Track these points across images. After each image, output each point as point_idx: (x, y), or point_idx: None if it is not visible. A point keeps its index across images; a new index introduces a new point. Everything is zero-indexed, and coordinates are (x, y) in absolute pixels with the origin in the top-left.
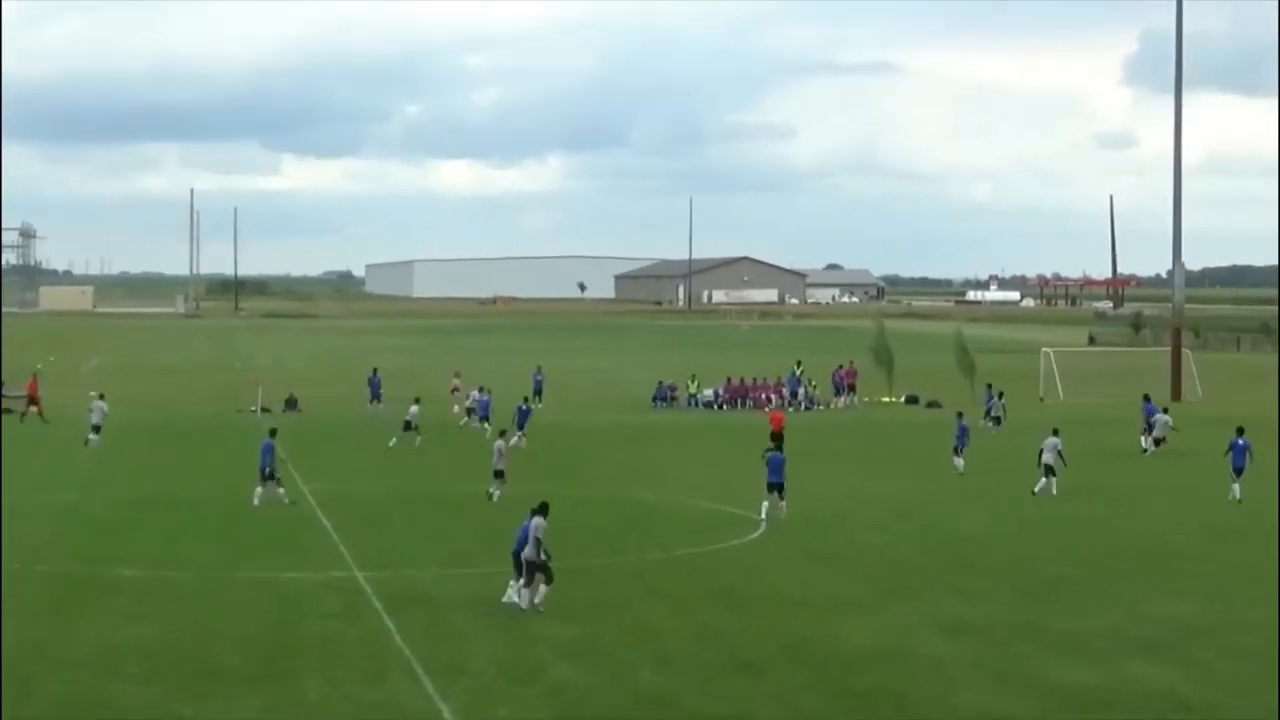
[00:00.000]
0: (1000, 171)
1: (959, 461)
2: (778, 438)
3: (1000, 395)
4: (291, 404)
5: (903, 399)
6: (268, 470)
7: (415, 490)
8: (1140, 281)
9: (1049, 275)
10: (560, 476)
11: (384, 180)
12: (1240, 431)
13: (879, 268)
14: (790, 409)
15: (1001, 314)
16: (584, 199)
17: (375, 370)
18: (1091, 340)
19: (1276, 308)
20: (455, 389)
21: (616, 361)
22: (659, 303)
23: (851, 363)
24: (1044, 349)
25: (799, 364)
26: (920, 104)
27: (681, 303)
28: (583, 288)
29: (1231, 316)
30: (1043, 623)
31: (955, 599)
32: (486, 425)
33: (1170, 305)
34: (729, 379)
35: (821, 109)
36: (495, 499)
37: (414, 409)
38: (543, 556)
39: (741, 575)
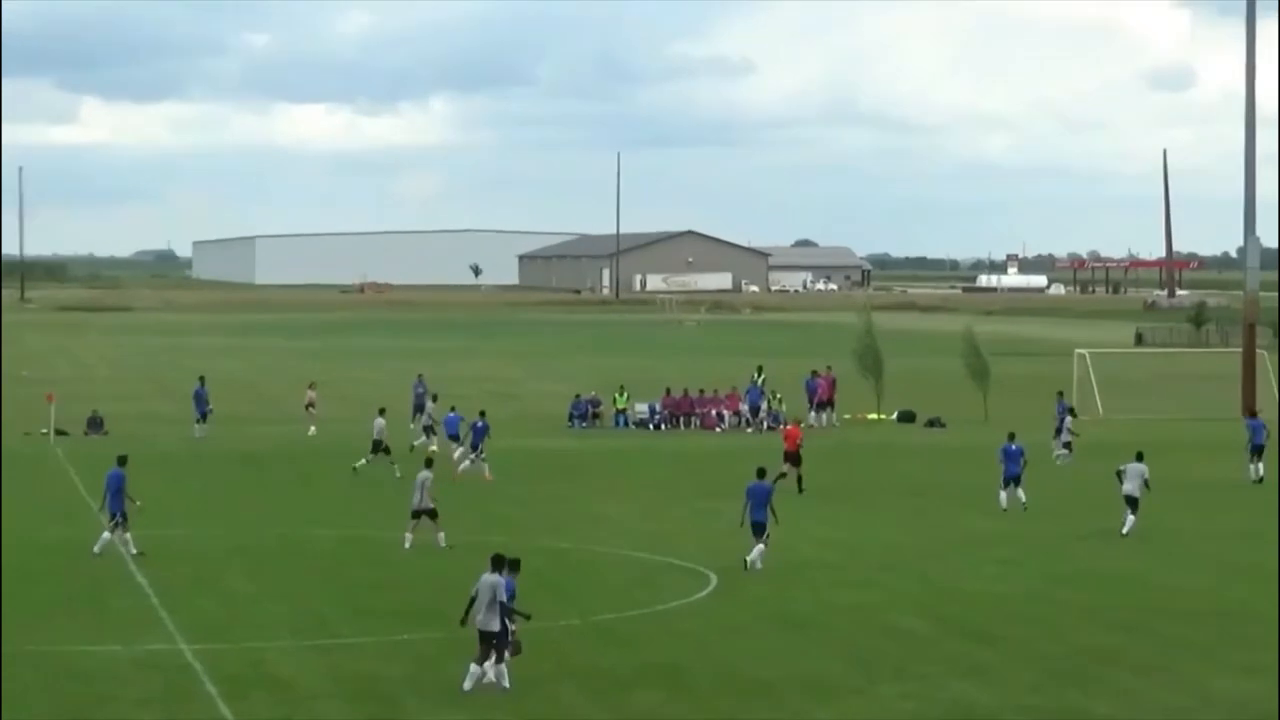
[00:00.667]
0: (1018, 119)
1: (1006, 496)
2: (793, 458)
3: (1072, 411)
4: (95, 424)
5: (895, 416)
6: (118, 513)
7: (258, 538)
8: (1203, 263)
9: (1084, 255)
10: (446, 519)
11: (217, 131)
12: (1011, 437)
13: (863, 245)
14: (749, 429)
15: (1023, 305)
16: (478, 156)
17: (202, 380)
18: (1140, 339)
19: None
20: (310, 404)
21: (522, 368)
22: (577, 291)
23: (829, 369)
24: (1078, 350)
25: (760, 371)
26: (913, 31)
27: (607, 291)
28: (477, 271)
29: None
30: (1078, 709)
31: (962, 678)
32: (454, 447)
33: (1241, 294)
34: (668, 391)
35: (787, 38)
36: (409, 545)
37: (379, 422)
38: (512, 625)
39: (685, 648)
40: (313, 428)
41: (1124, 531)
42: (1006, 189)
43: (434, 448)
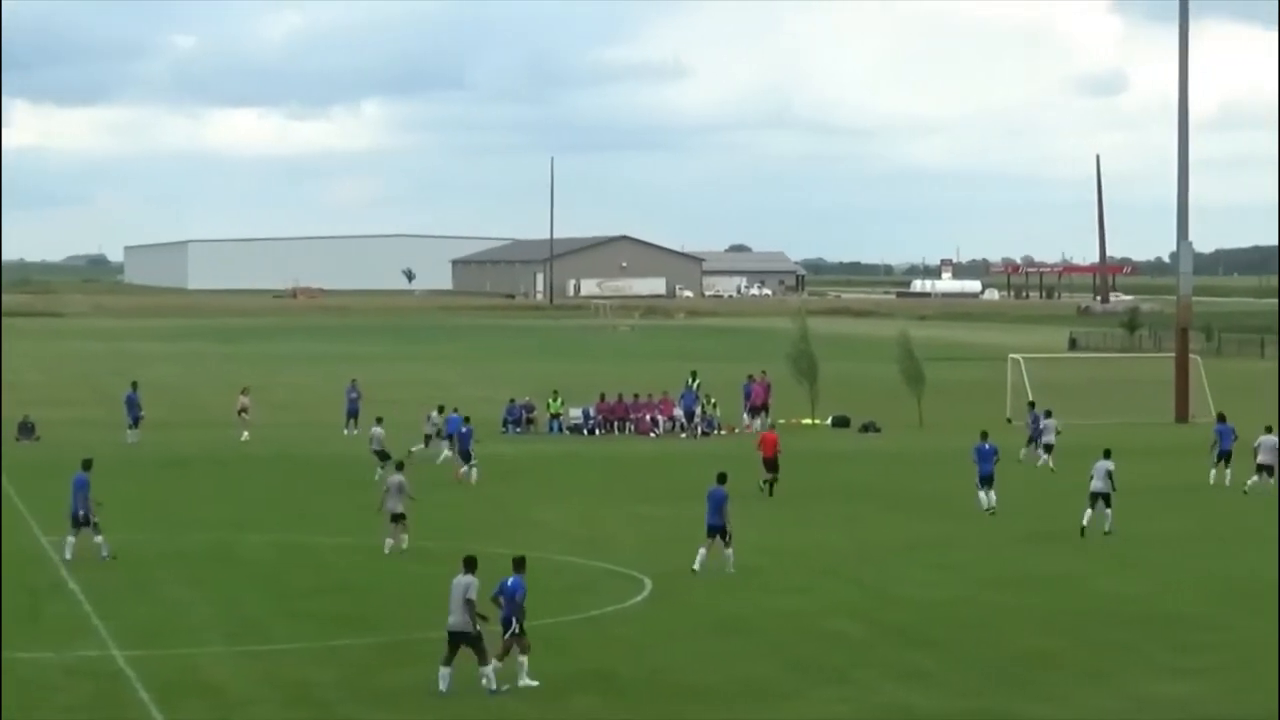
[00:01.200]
0: (951, 124)
1: (984, 496)
2: (771, 464)
3: (1049, 414)
4: (26, 430)
5: (829, 421)
6: (82, 514)
7: (191, 543)
8: (1136, 268)
9: (1018, 260)
10: (382, 523)
11: (145, 136)
12: (984, 436)
13: (798, 250)
14: (684, 434)
15: (958, 309)
16: (410, 160)
17: (134, 385)
18: (1074, 344)
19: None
20: (243, 410)
21: (455, 373)
22: (511, 296)
23: (764, 373)
24: (1012, 355)
25: (694, 376)
26: (848, 36)
27: (540, 296)
28: (410, 276)
29: (1253, 312)
30: (1014, 713)
31: (898, 683)
32: (447, 453)
33: (1174, 298)
34: (602, 396)
35: (721, 42)
36: (391, 550)
37: (378, 431)
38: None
39: (620, 653)
40: (246, 433)
41: (1105, 530)
42: (940, 194)
43: (448, 453)
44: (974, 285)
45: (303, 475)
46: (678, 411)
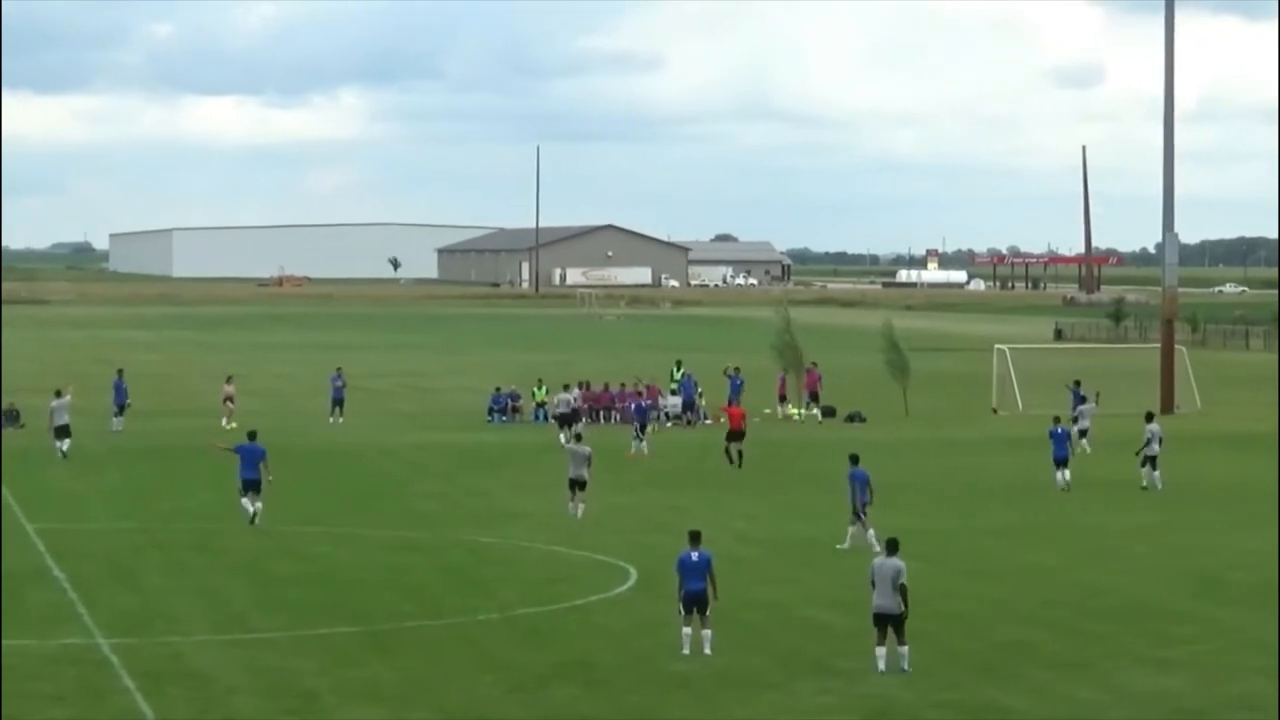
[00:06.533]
0: (929, 115)
1: (1060, 477)
2: (737, 435)
3: (1085, 399)
4: (11, 417)
5: (815, 411)
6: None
7: (174, 532)
8: (1121, 259)
9: (1004, 251)
10: (364, 512)
11: (124, 124)
12: (1056, 420)
13: (784, 240)
14: (669, 424)
15: (943, 300)
16: (392, 149)
17: (120, 373)
18: (1059, 334)
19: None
20: (228, 399)
21: (441, 362)
22: (496, 285)
23: (814, 364)
24: (998, 346)
25: (679, 366)
26: (821, 27)
27: (526, 285)
28: (395, 265)
29: (1238, 303)
30: (994, 703)
31: (881, 673)
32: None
33: (1159, 289)
34: (587, 385)
35: (695, 32)
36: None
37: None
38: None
39: (603, 643)
40: (233, 422)
41: (1144, 486)
42: (923, 184)
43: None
44: (960, 276)
45: (286, 464)
46: (664, 400)
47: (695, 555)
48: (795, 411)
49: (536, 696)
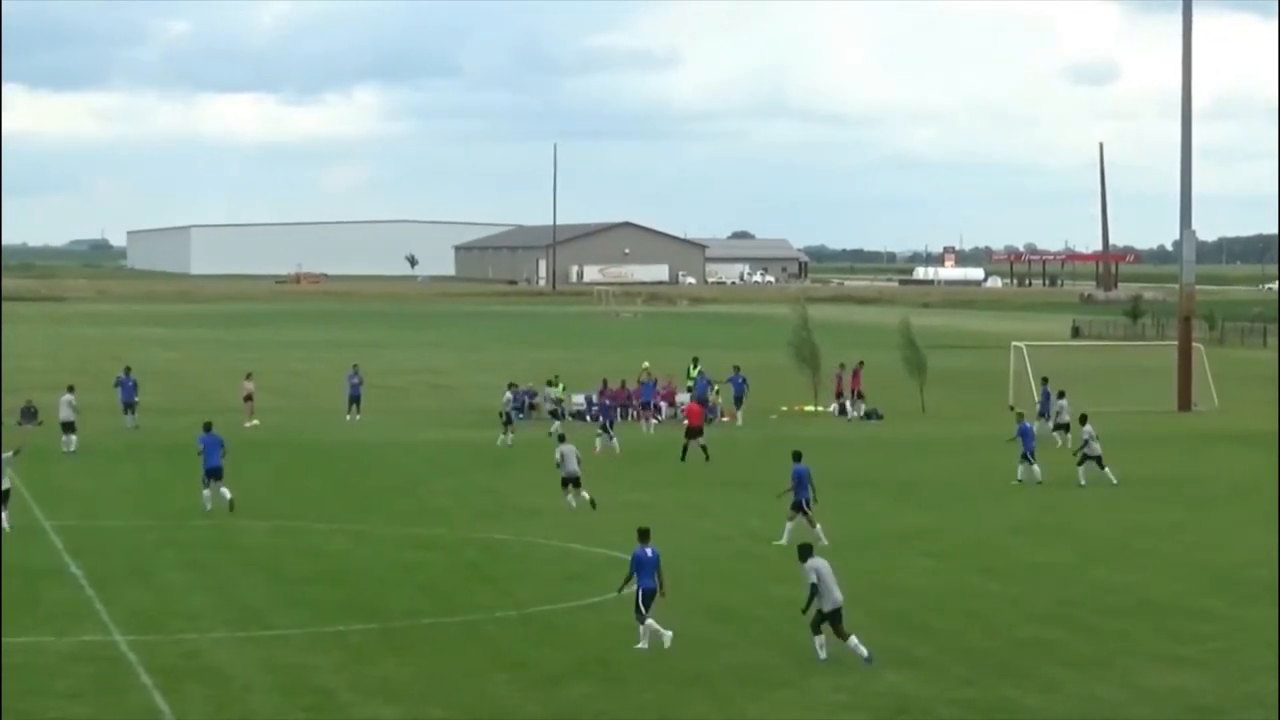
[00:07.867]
0: (946, 113)
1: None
2: (695, 431)
3: (1061, 394)
4: (29, 414)
5: (833, 408)
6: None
7: (191, 529)
8: (1139, 256)
9: (1021, 248)
10: (381, 509)
11: (141, 121)
12: (1020, 417)
13: (801, 238)
14: (674, 420)
15: (961, 297)
16: (408, 147)
17: (128, 370)
18: (1076, 332)
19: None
20: (248, 396)
21: (458, 359)
22: (513, 282)
23: (860, 363)
24: (1015, 343)
25: (695, 363)
26: (839, 24)
27: (543, 282)
28: (413, 262)
29: (1256, 301)
30: (1010, 701)
31: (894, 670)
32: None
33: (1176, 287)
34: (605, 382)
35: (712, 29)
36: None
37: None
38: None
39: (618, 640)
40: (255, 420)
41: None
42: (941, 182)
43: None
44: (977, 273)
45: (303, 461)
46: (680, 397)
47: (649, 551)
48: (813, 407)
49: (552, 694)
